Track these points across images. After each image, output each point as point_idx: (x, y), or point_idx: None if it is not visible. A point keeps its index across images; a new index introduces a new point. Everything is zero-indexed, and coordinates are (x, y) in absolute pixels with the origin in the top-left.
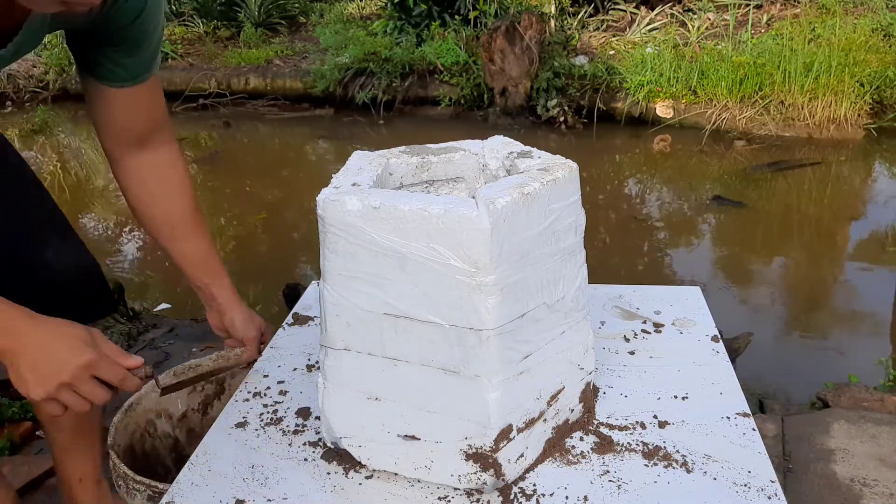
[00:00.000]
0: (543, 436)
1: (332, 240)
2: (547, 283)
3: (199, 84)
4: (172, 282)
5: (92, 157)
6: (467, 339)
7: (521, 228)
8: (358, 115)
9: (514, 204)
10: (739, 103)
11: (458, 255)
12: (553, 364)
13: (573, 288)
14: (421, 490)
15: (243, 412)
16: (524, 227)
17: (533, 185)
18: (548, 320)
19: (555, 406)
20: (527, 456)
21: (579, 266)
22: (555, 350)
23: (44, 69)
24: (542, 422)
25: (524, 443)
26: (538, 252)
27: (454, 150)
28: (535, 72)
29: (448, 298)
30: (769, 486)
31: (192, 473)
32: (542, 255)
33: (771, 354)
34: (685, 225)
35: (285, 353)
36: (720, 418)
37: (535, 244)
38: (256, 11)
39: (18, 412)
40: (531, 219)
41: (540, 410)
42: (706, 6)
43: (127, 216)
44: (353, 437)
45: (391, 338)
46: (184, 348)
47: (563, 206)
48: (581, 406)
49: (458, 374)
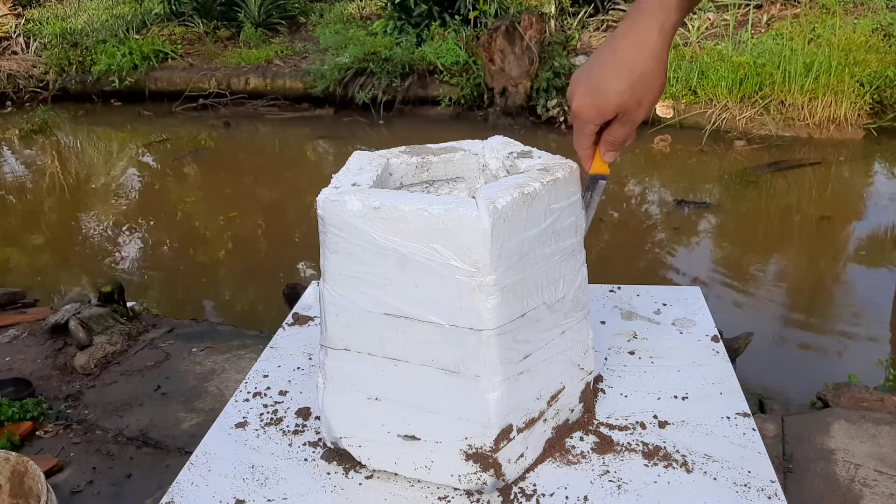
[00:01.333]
0: (543, 436)
1: (333, 240)
2: (547, 284)
3: (199, 84)
4: (173, 282)
5: (92, 157)
6: (467, 339)
7: (522, 229)
8: (358, 115)
9: (514, 204)
10: (739, 103)
11: (458, 255)
12: (553, 364)
13: (573, 288)
14: (421, 490)
15: (243, 412)
16: (524, 227)
17: (533, 186)
18: (548, 320)
19: (555, 406)
20: (527, 456)
21: (579, 266)
22: (555, 350)
23: (44, 69)
24: (543, 422)
25: (524, 443)
26: (538, 252)
27: (454, 150)
28: (535, 72)
29: (448, 298)
30: (769, 486)
31: (192, 473)
32: (543, 256)
33: (771, 354)
34: (685, 225)
35: (285, 353)
36: (720, 418)
37: (536, 244)
38: (256, 11)
39: (18, 412)
40: (531, 219)
41: (540, 410)
42: (706, 6)
43: (127, 216)
44: (353, 437)
45: (391, 338)
46: (184, 348)
47: (563, 206)
48: (581, 406)
49: (458, 374)
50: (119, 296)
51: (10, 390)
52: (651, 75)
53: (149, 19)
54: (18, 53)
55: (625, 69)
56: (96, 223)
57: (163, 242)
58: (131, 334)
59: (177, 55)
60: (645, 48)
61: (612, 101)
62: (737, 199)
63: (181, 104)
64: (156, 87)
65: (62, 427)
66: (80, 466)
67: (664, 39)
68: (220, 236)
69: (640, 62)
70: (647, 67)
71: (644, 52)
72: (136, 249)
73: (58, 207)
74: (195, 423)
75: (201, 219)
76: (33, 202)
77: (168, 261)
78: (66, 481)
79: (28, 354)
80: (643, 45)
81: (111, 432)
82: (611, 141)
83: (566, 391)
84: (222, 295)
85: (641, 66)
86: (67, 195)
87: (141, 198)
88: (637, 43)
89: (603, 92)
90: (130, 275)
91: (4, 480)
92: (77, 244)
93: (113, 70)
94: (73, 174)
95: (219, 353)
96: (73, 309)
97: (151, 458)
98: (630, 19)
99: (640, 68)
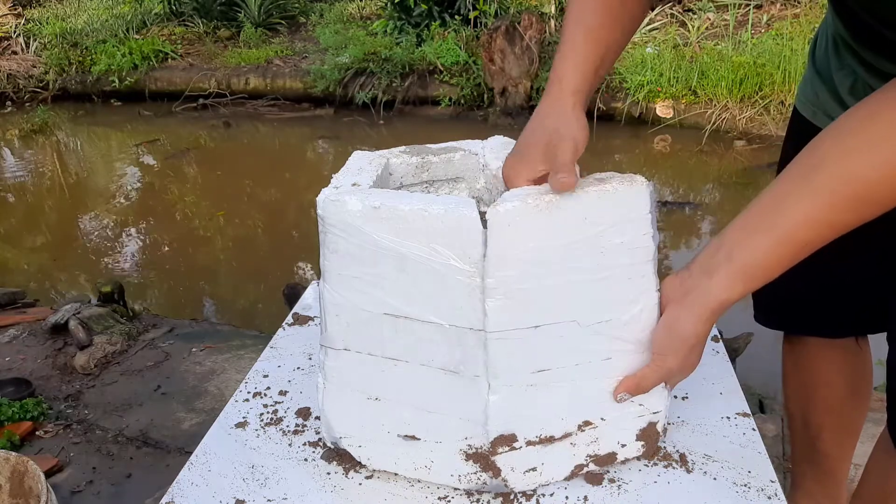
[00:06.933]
0: (571, 459)
1: (332, 240)
2: (581, 301)
3: (199, 84)
4: (172, 282)
5: (92, 157)
6: (467, 339)
7: (538, 237)
8: (358, 115)
9: (523, 209)
10: (739, 103)
11: (458, 256)
12: (586, 389)
13: (628, 314)
14: (421, 490)
15: (243, 412)
16: (543, 235)
17: (561, 195)
18: (581, 341)
19: (590, 433)
20: (543, 473)
21: (642, 292)
22: (591, 375)
23: (44, 69)
24: (570, 445)
25: (538, 457)
26: (566, 265)
27: (454, 150)
28: (535, 72)
29: (448, 299)
30: (769, 486)
31: (192, 473)
32: (574, 269)
33: (771, 354)
34: (685, 225)
35: (285, 353)
36: (720, 418)
37: (561, 256)
38: (256, 11)
39: (18, 412)
40: (554, 228)
41: (565, 432)
42: (706, 6)
43: (127, 216)
44: (353, 437)
45: (391, 338)
46: (184, 348)
47: (612, 221)
48: (640, 445)
49: (459, 374)
50: (119, 296)
51: (10, 390)
52: (565, 131)
53: (149, 19)
54: (18, 53)
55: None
56: (96, 223)
57: (162, 242)
58: (131, 334)
59: (177, 55)
60: (560, 115)
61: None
62: (737, 199)
63: (181, 104)
64: (156, 87)
65: (62, 427)
66: (80, 466)
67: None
68: (220, 236)
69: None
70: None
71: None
72: (135, 249)
73: (58, 207)
74: (195, 423)
75: (201, 218)
76: (33, 202)
77: (168, 260)
78: (66, 481)
79: (28, 354)
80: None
81: (111, 432)
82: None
83: (610, 423)
84: (222, 295)
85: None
86: (68, 195)
87: (140, 197)
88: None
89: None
90: (130, 275)
91: (4, 480)
92: (77, 244)
93: (113, 70)
94: (73, 174)
95: (219, 353)
96: (73, 309)
97: (151, 458)
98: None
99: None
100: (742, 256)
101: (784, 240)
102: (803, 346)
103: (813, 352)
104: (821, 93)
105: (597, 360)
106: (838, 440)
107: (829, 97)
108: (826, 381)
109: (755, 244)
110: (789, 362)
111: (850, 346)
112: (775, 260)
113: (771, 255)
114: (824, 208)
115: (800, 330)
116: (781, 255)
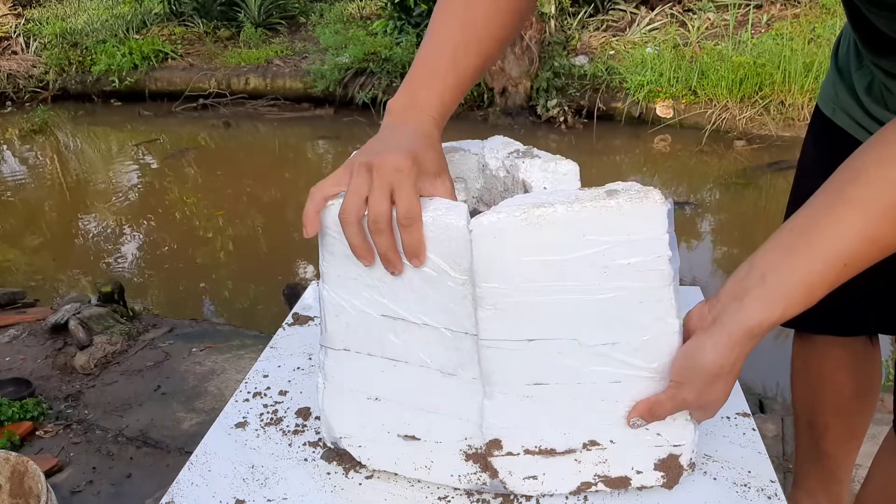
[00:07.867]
0: (577, 476)
1: (330, 242)
2: (580, 320)
3: (199, 84)
4: (172, 282)
5: (92, 157)
6: (463, 342)
7: (528, 252)
8: (358, 115)
9: (508, 222)
10: (739, 103)
11: (448, 263)
12: (593, 410)
13: (640, 338)
14: (421, 490)
15: (243, 412)
16: (533, 250)
17: (555, 208)
18: (583, 360)
19: (598, 453)
20: (545, 483)
21: (657, 317)
22: (598, 396)
23: (44, 69)
24: (574, 461)
25: (539, 467)
26: (561, 282)
27: (454, 150)
28: (535, 72)
29: (443, 303)
30: (769, 486)
31: (192, 473)
32: (571, 288)
33: (771, 354)
34: (684, 225)
35: (285, 353)
36: (720, 418)
37: (556, 272)
38: (256, 11)
39: (18, 412)
40: (547, 243)
41: (568, 447)
42: (706, 6)
43: (126, 216)
44: (353, 437)
45: (390, 339)
46: (184, 348)
47: (615, 241)
48: (660, 475)
49: (457, 375)
50: (119, 296)
51: (10, 390)
52: (425, 148)
53: (149, 19)
54: (18, 53)
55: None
56: (96, 223)
57: (162, 242)
58: (131, 334)
59: (177, 55)
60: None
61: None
62: (737, 199)
63: (181, 104)
64: (156, 87)
65: (62, 427)
66: (80, 466)
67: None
68: (220, 236)
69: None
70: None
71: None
72: (135, 249)
73: (58, 207)
74: (195, 423)
75: (201, 218)
76: (33, 202)
77: (168, 260)
78: (66, 481)
79: (28, 354)
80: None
81: (111, 432)
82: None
83: (621, 446)
84: (222, 295)
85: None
86: (68, 195)
87: (139, 197)
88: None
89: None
90: (130, 275)
91: (4, 480)
92: (77, 244)
93: (113, 70)
94: (73, 174)
95: (219, 353)
96: (73, 309)
97: (151, 458)
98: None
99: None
100: (775, 278)
101: (820, 258)
102: (814, 345)
103: (823, 351)
104: (840, 91)
105: (603, 381)
106: (843, 441)
107: (847, 96)
108: (834, 381)
109: (790, 264)
110: (799, 361)
111: (861, 346)
112: (816, 281)
113: (807, 275)
114: (860, 220)
115: (812, 328)
116: (819, 275)
